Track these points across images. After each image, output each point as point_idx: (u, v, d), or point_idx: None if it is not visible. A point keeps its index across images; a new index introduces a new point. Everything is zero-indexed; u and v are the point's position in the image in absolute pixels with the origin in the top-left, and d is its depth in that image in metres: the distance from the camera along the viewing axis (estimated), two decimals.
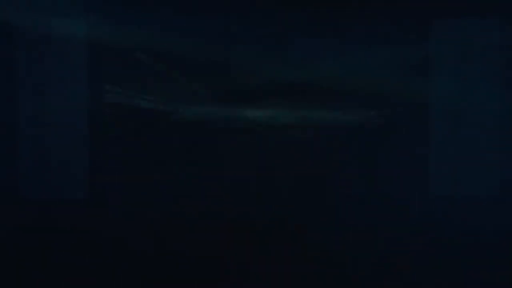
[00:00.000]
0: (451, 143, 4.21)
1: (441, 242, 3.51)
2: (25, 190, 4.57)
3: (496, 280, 2.85)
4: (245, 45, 4.25)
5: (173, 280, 2.76)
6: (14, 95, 4.61)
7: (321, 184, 4.21)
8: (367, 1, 4.09)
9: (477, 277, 2.86)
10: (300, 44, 4.24)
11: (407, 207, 3.97)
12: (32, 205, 4.48)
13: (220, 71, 4.39)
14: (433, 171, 4.17)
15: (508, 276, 2.92)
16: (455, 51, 4.22)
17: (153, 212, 4.34)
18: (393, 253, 3.26)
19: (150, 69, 4.46)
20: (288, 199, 4.21)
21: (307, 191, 4.21)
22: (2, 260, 3.09)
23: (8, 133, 4.60)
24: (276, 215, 4.09)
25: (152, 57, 4.44)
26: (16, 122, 4.61)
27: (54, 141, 4.57)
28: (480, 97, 4.20)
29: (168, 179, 4.36)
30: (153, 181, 4.40)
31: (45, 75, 4.60)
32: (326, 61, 4.26)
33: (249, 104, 4.34)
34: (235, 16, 4.18)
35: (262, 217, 4.10)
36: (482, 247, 3.42)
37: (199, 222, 4.08)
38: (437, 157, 4.20)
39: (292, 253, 3.19)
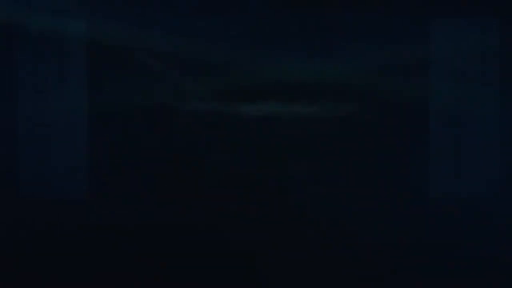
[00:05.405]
0: (451, 143, 4.22)
1: (440, 242, 3.49)
2: (24, 189, 4.57)
3: (497, 280, 2.83)
4: (241, 44, 4.26)
5: (174, 280, 2.75)
6: (14, 94, 4.61)
7: (319, 184, 4.21)
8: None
9: (477, 277, 2.84)
10: (297, 44, 4.24)
11: (406, 207, 3.98)
12: (31, 205, 4.48)
13: (220, 71, 4.40)
14: (433, 171, 4.17)
15: (509, 276, 2.91)
16: (455, 50, 4.22)
17: (154, 212, 4.34)
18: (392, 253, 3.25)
19: (151, 68, 4.47)
20: (281, 196, 4.20)
21: (305, 191, 4.21)
22: (1, 260, 3.08)
23: (8, 132, 4.60)
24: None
25: (152, 57, 4.45)
26: (16, 122, 4.61)
27: (54, 141, 4.58)
28: (480, 96, 4.20)
29: (169, 178, 4.37)
30: (153, 180, 4.40)
31: (45, 74, 4.60)
32: (323, 60, 4.26)
33: (247, 102, 4.35)
34: (234, 16, 4.19)
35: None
36: (482, 247, 3.41)
37: (201, 221, 4.08)
38: (437, 157, 4.21)
39: (289, 251, 3.15)
